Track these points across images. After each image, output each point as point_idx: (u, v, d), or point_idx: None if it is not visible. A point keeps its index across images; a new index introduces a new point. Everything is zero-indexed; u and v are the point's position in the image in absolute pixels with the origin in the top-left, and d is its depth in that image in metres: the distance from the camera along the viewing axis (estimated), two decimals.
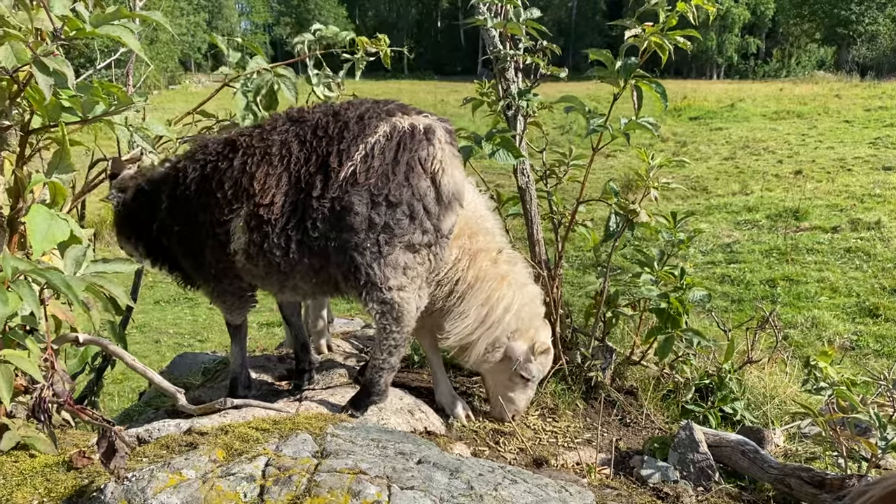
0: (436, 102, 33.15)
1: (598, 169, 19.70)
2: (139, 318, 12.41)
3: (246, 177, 3.11)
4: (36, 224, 2.43)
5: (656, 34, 4.22)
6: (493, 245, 3.90)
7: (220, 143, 3.30)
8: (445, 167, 3.17)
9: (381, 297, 3.18)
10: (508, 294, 3.81)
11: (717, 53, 70.00)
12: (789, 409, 4.88)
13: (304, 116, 3.24)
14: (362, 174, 3.03)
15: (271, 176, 3.09)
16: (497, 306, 3.78)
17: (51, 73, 2.24)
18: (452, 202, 3.24)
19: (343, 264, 3.12)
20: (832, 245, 12.91)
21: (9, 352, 2.20)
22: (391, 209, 3.07)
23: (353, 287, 3.19)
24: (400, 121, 3.14)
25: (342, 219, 3.05)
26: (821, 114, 29.94)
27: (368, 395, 3.50)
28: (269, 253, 3.12)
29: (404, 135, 3.11)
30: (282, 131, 3.19)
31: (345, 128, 3.11)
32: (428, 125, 3.19)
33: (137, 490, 2.25)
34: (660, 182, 4.54)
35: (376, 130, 3.09)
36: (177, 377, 5.62)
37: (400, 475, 2.36)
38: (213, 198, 3.20)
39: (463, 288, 3.77)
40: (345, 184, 3.04)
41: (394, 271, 3.17)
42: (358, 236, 3.06)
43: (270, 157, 3.12)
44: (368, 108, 3.20)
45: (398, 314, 3.25)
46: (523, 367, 3.87)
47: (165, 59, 47.66)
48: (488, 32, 4.62)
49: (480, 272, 3.78)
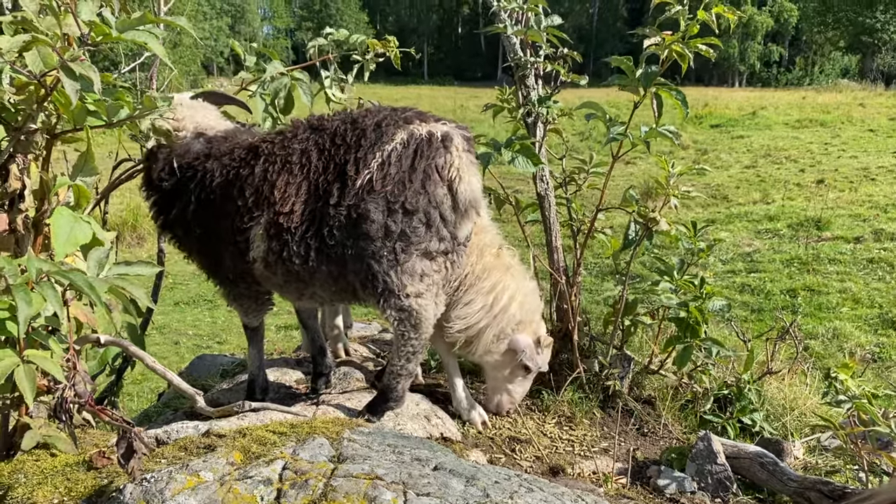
0: (455, 108, 33.16)
1: (617, 176, 19.57)
2: (159, 320, 12.52)
3: (267, 185, 3.13)
4: (59, 226, 2.46)
5: (677, 42, 4.20)
6: (495, 241, 3.99)
7: (244, 149, 3.31)
8: (462, 175, 3.15)
9: (398, 304, 3.19)
10: (512, 284, 3.89)
11: (740, 61, 69.54)
12: (809, 421, 4.83)
13: (324, 125, 3.26)
14: (378, 182, 3.03)
15: (291, 184, 3.11)
16: (502, 295, 3.85)
17: (77, 78, 2.27)
18: (469, 210, 3.23)
19: (360, 272, 3.13)
20: (854, 255, 12.76)
21: (32, 352, 2.23)
22: (407, 217, 3.07)
23: (371, 294, 3.19)
24: (417, 128, 3.14)
25: (359, 226, 3.05)
26: (844, 122, 29.62)
27: (385, 400, 3.50)
28: (288, 261, 3.14)
29: (421, 142, 3.10)
30: (302, 139, 3.21)
31: (362, 135, 3.11)
32: (445, 132, 3.17)
33: (156, 491, 2.27)
34: (679, 190, 4.51)
35: (393, 138, 3.08)
36: (195, 379, 5.67)
37: (416, 481, 2.37)
38: (235, 204, 3.22)
39: (471, 279, 3.85)
40: (361, 192, 3.03)
41: (411, 278, 3.17)
42: (374, 244, 3.06)
43: (291, 166, 3.13)
44: (386, 116, 3.19)
45: (416, 321, 3.26)
46: (530, 359, 3.90)
47: (188, 62, 48.12)
48: (509, 39, 4.63)
49: (487, 264, 3.87)
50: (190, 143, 3.40)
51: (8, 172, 2.48)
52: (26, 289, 2.00)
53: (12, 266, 2.06)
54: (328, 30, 4.67)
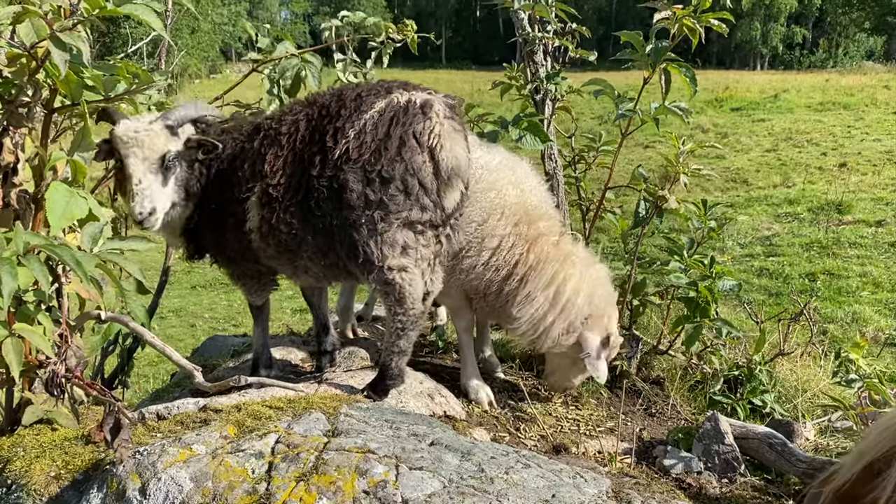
0: (472, 92, 33.03)
1: (635, 159, 19.42)
2: (175, 303, 12.64)
3: (259, 157, 3.19)
4: (54, 201, 2.46)
5: (688, 16, 4.12)
6: (554, 228, 3.87)
7: (251, 126, 3.38)
8: (444, 142, 3.09)
9: (382, 276, 3.14)
10: (575, 273, 3.74)
11: (762, 43, 68.47)
12: (821, 402, 4.76)
13: (317, 99, 3.29)
14: (355, 150, 3.00)
15: (279, 157, 3.14)
16: (565, 286, 3.71)
17: (66, 49, 2.25)
18: (453, 178, 3.16)
19: (344, 243, 3.11)
20: (876, 239, 12.58)
21: (21, 326, 2.22)
22: (384, 185, 3.02)
23: (356, 266, 3.15)
24: (397, 96, 3.10)
25: (340, 197, 3.04)
26: (868, 105, 29.13)
27: (383, 378, 3.47)
28: (277, 230, 3.16)
29: (398, 110, 3.06)
30: (295, 112, 3.25)
31: (342, 106, 3.10)
32: (426, 100, 3.12)
33: (148, 464, 2.26)
34: (690, 168, 4.43)
35: (372, 107, 3.06)
36: (207, 359, 5.69)
37: (409, 455, 2.34)
38: (236, 176, 3.26)
39: (523, 271, 3.74)
40: (339, 161, 3.02)
41: (392, 249, 3.11)
42: (355, 213, 3.03)
43: (280, 138, 3.17)
44: (370, 88, 3.19)
45: (400, 296, 3.19)
46: (592, 364, 3.74)
47: (206, 48, 48.27)
48: (517, 14, 4.57)
49: (542, 254, 3.74)
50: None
51: (1, 146, 2.47)
52: (12, 262, 1.99)
53: (0, 239, 2.05)
54: (344, 12, 4.64)
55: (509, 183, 3.84)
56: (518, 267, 3.74)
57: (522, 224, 3.77)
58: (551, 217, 3.92)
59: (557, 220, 3.97)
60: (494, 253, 3.77)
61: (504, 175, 3.85)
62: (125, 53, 5.55)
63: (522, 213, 3.78)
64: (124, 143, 3.01)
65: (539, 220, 3.82)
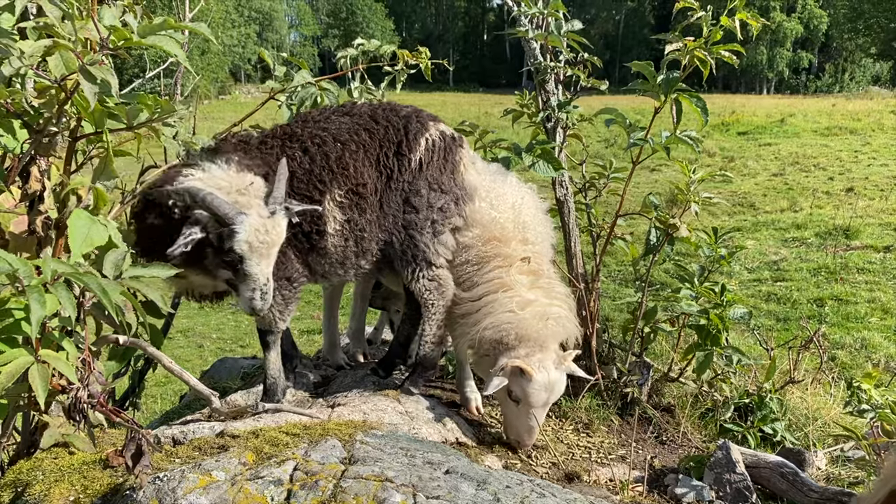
0: (479, 115, 33.17)
1: (642, 183, 19.50)
2: (183, 324, 12.66)
3: (338, 163, 3.56)
4: (76, 228, 2.50)
5: (700, 48, 4.17)
6: (520, 254, 3.81)
7: (286, 135, 3.66)
8: (468, 167, 3.92)
9: (432, 273, 3.79)
10: (503, 300, 3.67)
11: (768, 68, 68.74)
12: (833, 431, 4.75)
13: (353, 110, 3.76)
14: (427, 163, 3.72)
15: (358, 160, 3.60)
16: (487, 307, 3.71)
17: (96, 82, 2.31)
18: (472, 195, 3.90)
19: (404, 242, 3.72)
20: (884, 265, 12.54)
21: (46, 352, 2.26)
22: (444, 195, 3.76)
23: (408, 264, 3.75)
24: (438, 125, 3.86)
25: (409, 200, 3.70)
26: (875, 130, 29.13)
27: (425, 368, 3.97)
28: (359, 228, 3.61)
29: (449, 137, 3.85)
30: (355, 118, 3.70)
31: (407, 122, 3.73)
32: (455, 133, 3.96)
33: (168, 490, 2.29)
34: (700, 196, 4.47)
35: (428, 128, 3.78)
36: (216, 381, 5.72)
37: (426, 484, 2.36)
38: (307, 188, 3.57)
39: (469, 283, 3.91)
40: (416, 169, 3.70)
41: (445, 249, 3.81)
42: (420, 215, 3.71)
43: (350, 145, 3.62)
44: (407, 112, 3.82)
45: (444, 289, 3.84)
46: (489, 380, 3.51)
47: (216, 69, 48.68)
48: (529, 44, 4.63)
49: (485, 276, 3.82)
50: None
51: (29, 174, 2.52)
52: (41, 290, 2.03)
53: (27, 267, 2.09)
54: (359, 40, 4.72)
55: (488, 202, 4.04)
56: (466, 266, 3.93)
57: (494, 241, 3.87)
58: (527, 241, 3.88)
59: (536, 247, 3.91)
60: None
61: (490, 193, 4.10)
62: (143, 78, 5.63)
63: (499, 230, 3.89)
64: (254, 249, 2.90)
65: (510, 241, 3.85)
